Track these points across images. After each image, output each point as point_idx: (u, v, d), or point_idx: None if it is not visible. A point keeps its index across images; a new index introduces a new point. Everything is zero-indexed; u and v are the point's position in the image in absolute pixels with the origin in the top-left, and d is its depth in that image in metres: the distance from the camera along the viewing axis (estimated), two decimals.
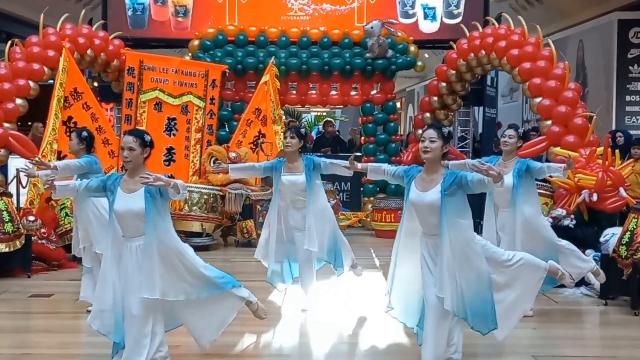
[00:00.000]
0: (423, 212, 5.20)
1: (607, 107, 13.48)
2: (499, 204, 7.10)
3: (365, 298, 7.96)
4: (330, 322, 6.97)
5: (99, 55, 11.92)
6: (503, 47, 10.91)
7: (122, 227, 5.18)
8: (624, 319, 7.22)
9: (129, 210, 5.09)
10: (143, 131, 5.50)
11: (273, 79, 12.74)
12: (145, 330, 5.10)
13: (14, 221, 8.96)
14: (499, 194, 6.99)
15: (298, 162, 7.17)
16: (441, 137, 5.19)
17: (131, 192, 5.13)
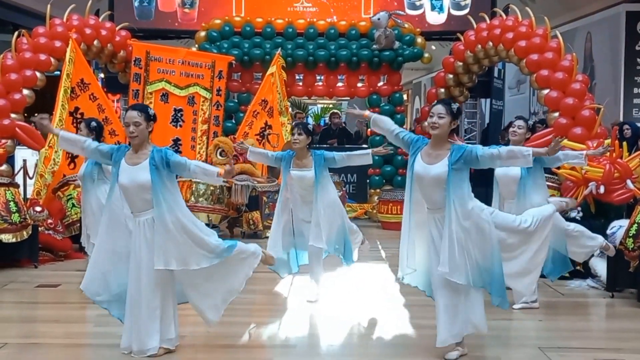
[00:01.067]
0: (428, 185, 5.18)
1: (615, 99, 13.45)
2: (505, 196, 7.08)
3: (371, 289, 7.96)
4: (337, 314, 6.97)
5: (106, 46, 11.92)
6: (510, 38, 10.87)
7: (129, 202, 5.22)
8: (631, 311, 7.20)
9: (134, 183, 5.12)
10: (146, 106, 5.55)
11: (279, 71, 12.73)
12: (154, 304, 5.15)
13: (21, 212, 8.98)
14: (506, 184, 6.97)
15: (307, 158, 7.15)
16: (450, 113, 5.17)
17: (135, 165, 5.17)
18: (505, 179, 6.98)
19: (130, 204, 5.21)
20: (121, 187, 5.18)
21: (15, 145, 10.05)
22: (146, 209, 5.16)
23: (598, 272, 8.08)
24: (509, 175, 6.91)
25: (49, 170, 10.06)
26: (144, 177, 5.12)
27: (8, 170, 9.67)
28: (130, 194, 5.18)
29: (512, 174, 6.89)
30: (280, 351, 5.86)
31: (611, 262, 7.73)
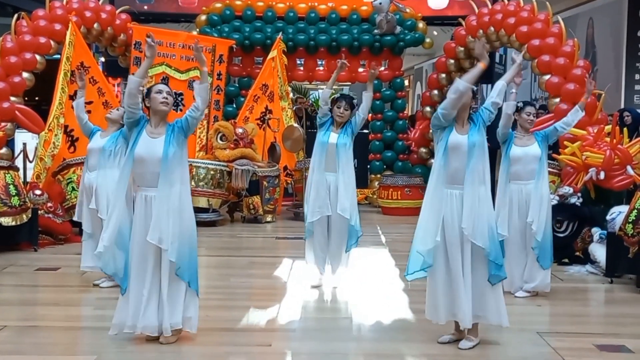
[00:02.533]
0: (461, 156, 5.23)
1: (616, 85, 13.40)
2: (522, 176, 6.91)
3: (371, 274, 7.97)
4: (336, 298, 6.99)
5: (106, 29, 11.88)
6: (512, 23, 10.84)
7: (139, 175, 5.24)
8: (629, 296, 7.21)
9: (152, 155, 5.16)
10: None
11: (280, 55, 12.70)
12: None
13: (20, 195, 8.98)
14: (526, 164, 6.86)
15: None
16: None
17: (155, 138, 5.23)
18: (526, 158, 6.88)
19: (140, 176, 5.25)
20: (137, 158, 5.20)
21: (15, 129, 10.05)
22: (154, 185, 5.18)
23: (597, 257, 8.09)
24: (529, 154, 6.84)
25: (49, 154, 10.06)
26: (159, 150, 5.17)
27: (8, 154, 9.68)
28: (143, 166, 5.21)
29: (532, 152, 6.84)
30: (279, 335, 5.87)
31: (610, 248, 7.74)
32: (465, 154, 5.21)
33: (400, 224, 11.34)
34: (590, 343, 5.56)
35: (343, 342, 5.62)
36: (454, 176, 5.26)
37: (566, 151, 9.30)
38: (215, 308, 6.47)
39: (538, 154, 6.85)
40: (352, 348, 5.53)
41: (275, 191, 11.79)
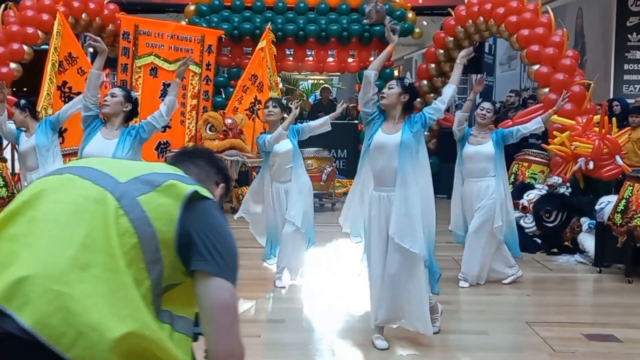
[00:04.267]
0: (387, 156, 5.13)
1: (605, 75, 13.43)
2: (474, 173, 6.97)
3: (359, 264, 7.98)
4: (325, 289, 6.99)
5: (94, 19, 11.81)
6: (501, 13, 10.83)
7: None
8: (618, 286, 7.24)
9: (102, 156, 4.99)
10: (130, 89, 5.61)
11: (269, 45, 12.65)
12: None
13: (8, 186, 8.94)
14: (477, 162, 6.91)
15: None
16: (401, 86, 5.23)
17: (110, 139, 5.26)
18: (477, 157, 6.92)
19: None
20: (85, 156, 5.15)
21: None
22: None
23: (586, 247, 8.12)
24: (481, 153, 6.88)
25: None
26: (111, 152, 5.20)
27: None
28: None
29: (485, 151, 6.88)
30: (268, 326, 5.87)
31: (599, 238, 7.77)
32: (393, 154, 5.09)
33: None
34: (579, 332, 5.58)
35: (332, 333, 5.62)
36: (380, 177, 5.19)
37: (555, 141, 9.32)
38: None
39: (491, 153, 6.88)
40: (341, 339, 5.54)
41: None
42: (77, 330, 1.69)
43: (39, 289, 1.72)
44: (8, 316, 1.69)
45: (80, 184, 1.94)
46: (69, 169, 2.04)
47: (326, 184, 11.99)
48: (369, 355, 5.13)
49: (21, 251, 1.80)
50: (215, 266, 1.92)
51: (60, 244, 1.80)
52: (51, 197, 1.91)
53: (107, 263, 1.79)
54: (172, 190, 1.94)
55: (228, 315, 1.95)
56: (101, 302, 1.74)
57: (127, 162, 2.17)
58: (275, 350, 5.29)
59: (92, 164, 2.06)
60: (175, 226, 1.90)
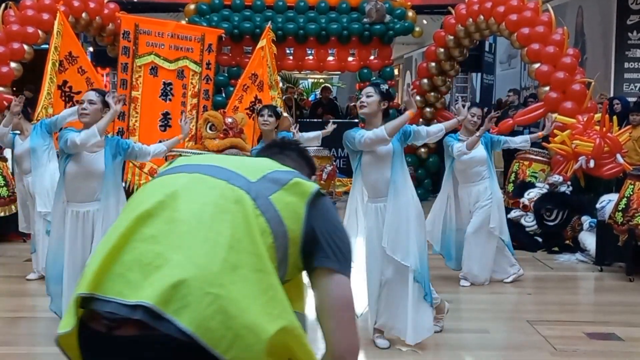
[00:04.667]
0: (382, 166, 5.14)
1: (606, 74, 13.43)
2: (469, 179, 6.97)
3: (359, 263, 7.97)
4: None
5: (94, 18, 11.80)
6: (502, 12, 10.82)
7: (71, 190, 5.01)
8: (619, 284, 7.24)
9: (86, 170, 4.98)
10: (107, 91, 5.38)
11: (270, 44, 12.63)
12: None
13: (9, 186, 8.94)
14: (473, 166, 6.91)
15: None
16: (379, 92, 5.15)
17: (91, 153, 5.00)
18: (471, 162, 6.90)
19: (72, 192, 5.01)
20: (69, 175, 4.98)
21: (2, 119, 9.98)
22: (89, 200, 5.01)
23: (587, 246, 8.12)
24: (475, 157, 6.86)
25: None
26: (98, 166, 4.99)
27: None
28: (77, 182, 5.00)
29: (478, 156, 6.87)
30: None
31: (600, 236, 7.77)
32: (386, 163, 5.11)
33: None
34: (580, 331, 5.58)
35: None
36: (375, 188, 5.19)
37: (556, 139, 9.32)
38: None
39: (484, 157, 6.91)
40: None
41: None
42: (235, 333, 1.70)
43: (196, 293, 1.71)
44: (166, 320, 1.68)
45: (215, 184, 1.94)
46: (196, 168, 2.02)
47: (327, 183, 11.99)
48: (370, 354, 5.13)
49: (169, 253, 1.78)
50: (337, 263, 1.96)
51: (210, 246, 1.79)
52: (188, 197, 1.90)
53: (255, 264, 1.80)
54: (298, 188, 1.96)
55: (348, 311, 1.99)
56: (253, 303, 1.75)
57: (246, 159, 2.15)
58: None
59: (216, 161, 2.04)
60: (302, 224, 1.92)
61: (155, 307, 1.68)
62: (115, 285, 1.76)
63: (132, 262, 1.78)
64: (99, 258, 1.80)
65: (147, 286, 1.72)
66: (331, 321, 1.96)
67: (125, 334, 1.72)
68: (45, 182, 6.88)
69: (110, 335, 1.73)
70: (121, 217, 1.93)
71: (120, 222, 1.90)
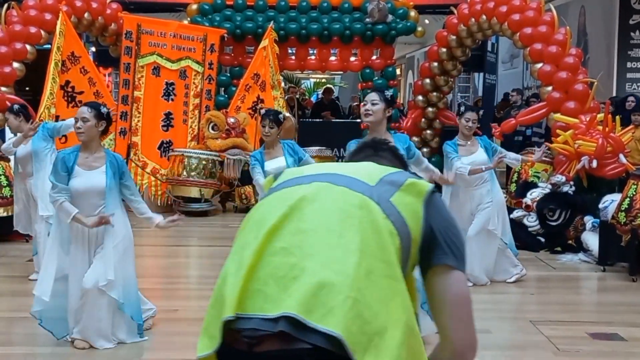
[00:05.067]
0: None
1: (608, 74, 13.41)
2: (471, 182, 6.94)
3: None
4: None
5: (97, 18, 11.80)
6: (504, 12, 10.81)
7: (77, 207, 5.00)
8: (622, 284, 7.23)
9: (90, 188, 4.99)
10: (100, 104, 5.33)
11: (272, 44, 12.64)
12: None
13: (11, 186, 8.93)
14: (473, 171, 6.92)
15: (277, 146, 6.64)
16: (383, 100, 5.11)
17: (92, 170, 5.01)
18: (473, 165, 6.89)
19: (79, 208, 4.99)
20: (75, 192, 4.98)
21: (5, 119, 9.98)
22: (94, 215, 5.01)
23: (590, 246, 8.11)
24: (476, 162, 6.85)
25: None
26: (100, 183, 5.00)
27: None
28: (82, 199, 5.01)
29: (479, 159, 6.86)
30: None
31: (603, 236, 7.76)
32: None
33: None
34: (583, 331, 5.58)
35: None
36: None
37: (558, 139, 9.31)
38: (208, 298, 6.44)
39: (485, 160, 6.88)
40: None
41: None
42: (368, 338, 1.70)
43: (337, 298, 1.72)
44: (310, 329, 1.69)
45: (338, 190, 1.94)
46: (313, 177, 2.02)
47: None
48: None
49: (303, 263, 1.78)
50: (454, 259, 1.97)
51: (342, 252, 1.79)
52: (313, 207, 1.90)
53: (384, 269, 1.80)
54: (414, 188, 1.97)
55: (467, 308, 2.01)
56: (384, 309, 1.76)
57: (359, 164, 2.15)
58: None
59: (331, 169, 2.06)
60: (421, 223, 1.94)
61: (299, 317, 1.69)
62: (255, 302, 1.77)
63: (267, 276, 1.79)
64: (237, 279, 1.81)
65: (287, 297, 1.73)
66: (451, 318, 1.98)
67: (267, 349, 1.73)
68: (47, 185, 6.88)
69: (251, 353, 1.75)
70: (245, 235, 1.94)
71: (246, 240, 1.91)
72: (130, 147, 11.67)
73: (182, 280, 5.81)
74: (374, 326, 1.71)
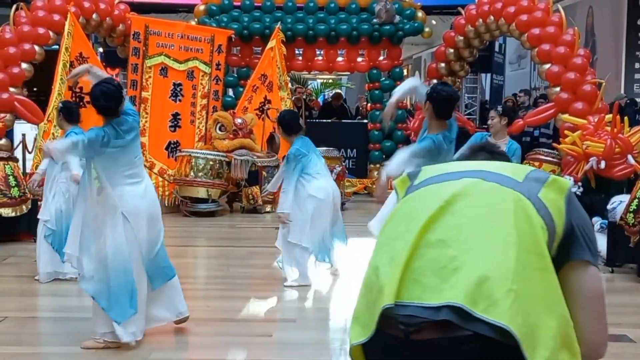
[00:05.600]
0: None
1: (616, 74, 13.39)
2: None
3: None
4: (335, 289, 6.98)
5: (105, 19, 11.83)
6: (512, 12, 10.79)
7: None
8: (631, 286, 7.21)
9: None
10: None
11: (279, 45, 12.65)
12: None
13: (20, 186, 8.97)
14: None
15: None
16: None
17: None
18: None
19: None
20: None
21: (14, 120, 10.01)
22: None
23: (598, 247, 8.08)
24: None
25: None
26: None
27: (7, 145, 9.65)
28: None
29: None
30: (279, 325, 5.86)
31: (611, 237, 7.73)
32: None
33: None
34: None
35: (343, 332, 5.62)
36: None
37: (567, 140, 9.29)
38: (215, 298, 6.47)
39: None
40: None
41: None
42: (530, 330, 1.76)
43: (501, 290, 1.77)
44: (475, 319, 1.74)
45: (489, 186, 2.00)
46: (463, 174, 2.08)
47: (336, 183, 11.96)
48: None
49: (463, 255, 1.84)
50: (591, 255, 2.02)
51: (501, 246, 1.85)
52: (467, 202, 1.96)
53: (538, 262, 1.87)
54: (556, 184, 2.02)
55: (601, 303, 2.04)
56: (540, 301, 1.82)
57: (498, 162, 2.21)
58: (287, 350, 5.28)
59: (479, 166, 2.12)
60: (563, 219, 1.99)
61: (465, 307, 1.74)
62: (412, 291, 1.83)
63: (423, 267, 1.86)
64: (393, 269, 1.88)
65: (449, 288, 1.79)
66: (586, 313, 2.00)
67: (426, 337, 1.78)
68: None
69: (409, 340, 1.80)
70: (393, 228, 2.01)
71: (395, 232, 1.98)
72: None
73: (189, 281, 5.83)
74: (533, 318, 1.78)
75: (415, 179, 2.18)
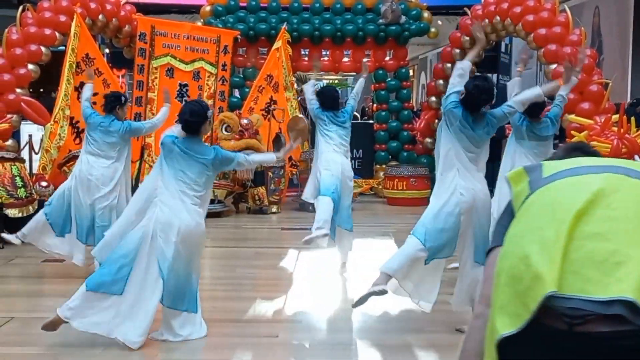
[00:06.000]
0: None
1: (623, 75, 13.33)
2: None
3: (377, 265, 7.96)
4: (342, 289, 6.98)
5: (111, 20, 11.84)
6: (518, 13, 10.78)
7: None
8: None
9: None
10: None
11: (285, 45, 12.66)
12: None
13: (26, 187, 8.98)
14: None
15: None
16: None
17: None
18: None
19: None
20: None
21: (20, 120, 10.03)
22: None
23: None
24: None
25: (55, 145, 10.03)
26: None
27: (14, 146, 9.67)
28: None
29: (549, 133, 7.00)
30: (285, 326, 5.87)
31: None
32: None
33: (405, 215, 11.31)
34: None
35: (350, 333, 5.62)
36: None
37: (573, 141, 9.27)
38: (221, 299, 6.48)
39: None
40: (359, 339, 5.53)
41: (280, 182, 11.79)
42: None
43: None
44: None
45: (636, 182, 2.01)
46: (603, 168, 2.08)
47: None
48: (385, 354, 5.12)
49: (625, 250, 1.83)
50: None
51: None
52: (618, 196, 1.96)
53: None
54: None
55: None
56: None
57: (627, 160, 2.30)
58: (292, 351, 5.30)
59: (614, 162, 2.13)
60: None
61: (637, 302, 1.74)
62: (573, 283, 1.82)
63: (582, 260, 1.85)
64: (550, 257, 1.85)
65: (615, 282, 1.79)
66: None
67: (592, 330, 1.78)
68: None
69: (573, 332, 1.79)
70: (536, 218, 1.98)
71: (539, 222, 1.96)
72: (144, 148, 11.69)
73: None
74: None
75: (538, 172, 2.14)
